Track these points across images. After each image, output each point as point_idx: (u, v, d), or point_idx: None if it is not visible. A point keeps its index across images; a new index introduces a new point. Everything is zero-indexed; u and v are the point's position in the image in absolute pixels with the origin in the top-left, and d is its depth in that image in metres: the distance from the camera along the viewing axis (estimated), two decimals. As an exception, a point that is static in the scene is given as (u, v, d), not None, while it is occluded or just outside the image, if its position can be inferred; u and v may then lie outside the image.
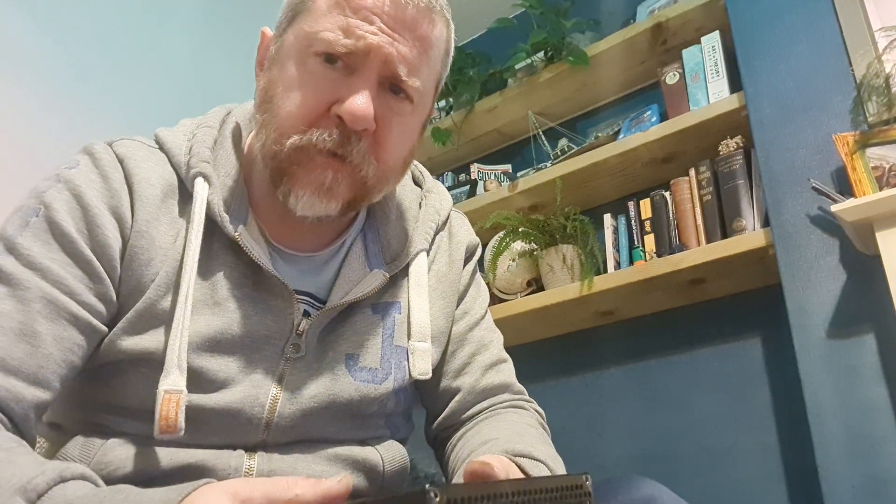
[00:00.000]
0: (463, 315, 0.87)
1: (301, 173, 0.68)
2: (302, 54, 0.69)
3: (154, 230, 0.69)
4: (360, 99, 0.66)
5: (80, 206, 0.67)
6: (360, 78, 0.67)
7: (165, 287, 0.68)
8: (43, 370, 0.62)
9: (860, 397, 1.30)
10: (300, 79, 0.68)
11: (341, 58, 0.67)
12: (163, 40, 1.82)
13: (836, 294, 1.38)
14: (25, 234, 0.66)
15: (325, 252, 0.78)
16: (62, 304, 0.64)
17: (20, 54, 1.51)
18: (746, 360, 1.70)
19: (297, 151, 0.67)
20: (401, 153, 0.73)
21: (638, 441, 1.79)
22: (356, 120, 0.66)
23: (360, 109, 0.66)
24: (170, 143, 0.74)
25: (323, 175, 0.68)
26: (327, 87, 0.67)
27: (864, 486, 1.26)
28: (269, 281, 0.71)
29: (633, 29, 1.89)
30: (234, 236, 0.70)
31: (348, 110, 0.66)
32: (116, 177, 0.70)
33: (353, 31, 0.66)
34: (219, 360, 0.68)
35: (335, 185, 0.68)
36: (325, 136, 0.67)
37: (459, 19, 2.70)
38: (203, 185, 0.71)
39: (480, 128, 2.22)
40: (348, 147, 0.67)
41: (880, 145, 1.33)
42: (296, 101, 0.68)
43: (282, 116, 0.69)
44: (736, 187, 1.64)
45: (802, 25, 1.57)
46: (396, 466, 0.77)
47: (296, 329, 0.72)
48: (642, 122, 1.90)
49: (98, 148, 0.72)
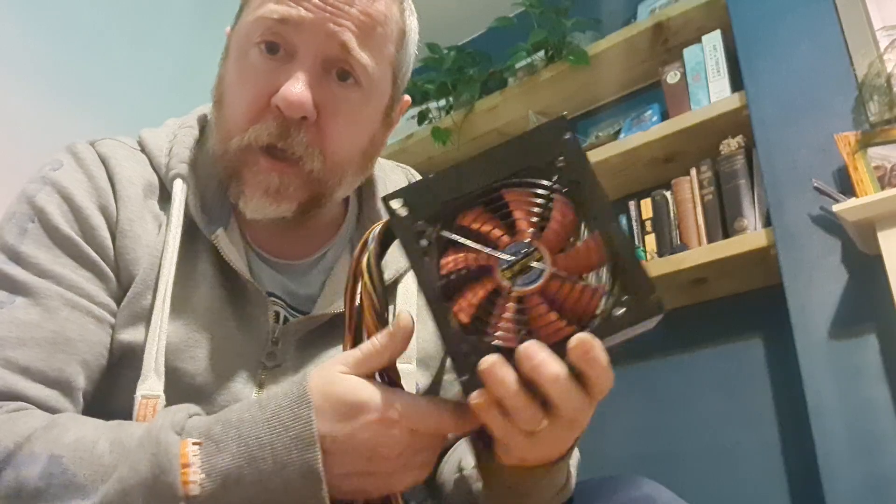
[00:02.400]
0: None
1: (248, 176, 0.66)
2: (244, 46, 0.66)
3: (139, 228, 0.68)
4: (294, 85, 0.62)
5: (72, 207, 0.66)
6: (296, 63, 0.64)
7: (144, 285, 0.66)
8: (81, 377, 0.62)
9: (862, 397, 1.30)
10: (241, 73, 0.66)
11: (278, 40, 0.64)
12: (155, 38, 1.81)
13: (838, 294, 1.37)
14: (26, 241, 0.64)
15: (308, 259, 0.75)
16: (85, 307, 0.63)
17: (11, 52, 1.51)
18: (748, 359, 1.70)
19: (241, 153, 0.66)
20: (354, 144, 0.69)
21: (639, 440, 1.79)
22: (291, 107, 0.62)
23: (294, 95, 0.62)
24: (151, 145, 0.73)
25: (268, 178, 0.65)
26: (265, 77, 0.64)
27: (865, 486, 1.26)
28: (246, 286, 0.69)
29: (633, 28, 1.88)
30: (210, 238, 0.68)
31: (282, 96, 0.62)
32: (101, 175, 0.69)
33: (285, 2, 0.63)
34: (196, 363, 0.66)
35: (284, 186, 0.66)
36: (262, 131, 0.64)
37: (459, 18, 2.67)
38: (181, 186, 0.69)
39: (480, 127, 2.21)
40: (287, 140, 0.64)
41: (882, 145, 1.33)
42: (237, 98, 0.66)
43: (226, 116, 0.67)
44: (737, 187, 1.63)
45: (804, 25, 1.57)
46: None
47: (271, 337, 0.69)
48: (643, 122, 1.89)
49: (80, 147, 0.71)
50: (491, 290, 0.46)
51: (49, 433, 0.54)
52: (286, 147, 0.64)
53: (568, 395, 0.46)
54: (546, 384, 0.45)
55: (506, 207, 0.47)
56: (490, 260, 0.46)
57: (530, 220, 0.46)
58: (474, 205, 0.47)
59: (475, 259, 0.46)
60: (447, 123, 2.17)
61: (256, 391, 0.68)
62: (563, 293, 0.45)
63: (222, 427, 0.52)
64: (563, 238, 0.46)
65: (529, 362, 0.45)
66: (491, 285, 0.46)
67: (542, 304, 0.45)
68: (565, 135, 0.47)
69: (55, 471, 0.51)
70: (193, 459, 0.50)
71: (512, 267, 0.45)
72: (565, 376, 0.45)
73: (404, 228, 0.47)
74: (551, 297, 0.45)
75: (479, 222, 0.46)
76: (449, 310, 0.46)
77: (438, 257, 0.46)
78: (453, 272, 0.46)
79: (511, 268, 0.45)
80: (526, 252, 0.45)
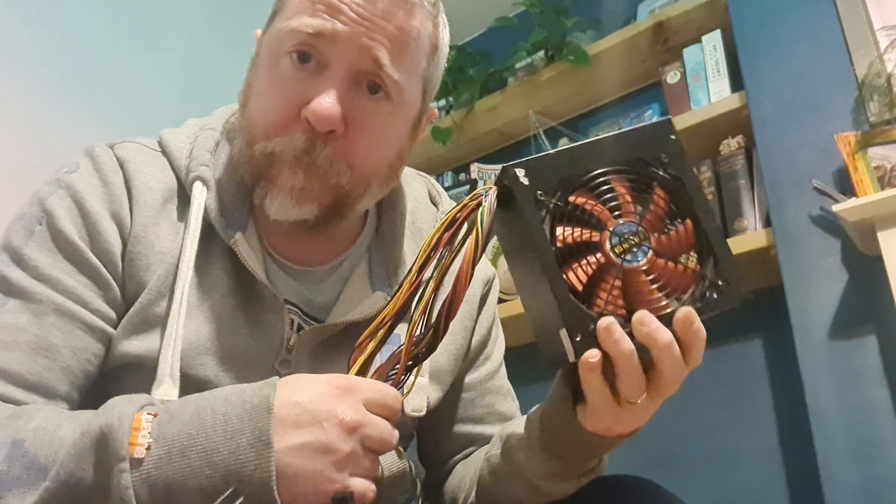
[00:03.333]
0: (485, 360, 0.84)
1: (273, 175, 0.66)
2: (275, 54, 0.67)
3: (153, 235, 0.68)
4: (325, 99, 0.63)
5: (82, 212, 0.66)
6: (328, 76, 0.64)
7: (158, 291, 0.66)
8: (62, 383, 0.62)
9: (862, 399, 1.30)
10: (271, 81, 0.67)
11: (311, 51, 0.64)
12: (162, 38, 1.81)
13: (838, 295, 1.37)
14: (31, 244, 0.64)
15: (325, 267, 0.75)
16: (75, 314, 0.63)
17: (17, 52, 1.51)
18: (747, 361, 1.69)
19: (265, 157, 0.66)
20: (382, 157, 0.69)
21: (638, 442, 1.78)
22: (321, 121, 0.63)
23: (325, 109, 0.62)
24: (171, 146, 0.73)
25: (294, 177, 0.65)
26: (296, 87, 0.65)
27: (865, 488, 1.25)
28: (262, 292, 0.69)
29: (633, 28, 1.88)
30: (229, 243, 0.68)
31: (312, 110, 0.63)
32: (116, 181, 0.68)
33: (320, 15, 0.64)
34: (210, 368, 0.66)
35: (308, 186, 0.66)
36: (288, 144, 0.64)
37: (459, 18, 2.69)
38: (201, 189, 0.69)
39: (481, 127, 2.21)
40: (312, 154, 0.64)
41: (882, 145, 1.33)
42: (266, 106, 0.67)
43: (253, 121, 0.67)
44: (737, 187, 1.63)
45: (804, 25, 1.57)
46: (396, 472, 0.76)
47: (286, 344, 0.69)
48: (643, 122, 1.89)
49: (99, 151, 0.70)
50: (603, 262, 0.50)
51: (14, 421, 0.55)
52: (311, 161, 0.65)
53: (675, 362, 0.50)
54: (659, 349, 0.49)
55: (613, 191, 0.52)
56: (601, 237, 0.50)
57: (635, 206, 0.51)
58: (586, 184, 0.52)
59: (589, 233, 0.51)
60: (447, 123, 2.17)
61: None
62: (665, 272, 0.51)
63: (182, 402, 0.54)
64: (662, 223, 0.52)
65: (646, 328, 0.48)
66: (604, 258, 0.50)
67: (646, 280, 0.50)
68: (671, 135, 0.54)
69: (16, 454, 0.52)
70: (145, 425, 0.51)
71: (620, 244, 0.50)
72: (675, 344, 0.49)
73: (526, 196, 0.51)
74: (654, 274, 0.51)
75: (592, 201, 0.51)
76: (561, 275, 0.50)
77: (552, 227, 0.51)
78: (566, 243, 0.50)
79: (619, 245, 0.50)
80: (633, 232, 0.51)
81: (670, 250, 0.51)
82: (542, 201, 0.51)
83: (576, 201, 0.51)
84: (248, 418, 0.50)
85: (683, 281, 0.51)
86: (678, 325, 0.49)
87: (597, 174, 0.52)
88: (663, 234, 0.52)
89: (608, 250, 0.50)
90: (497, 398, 0.84)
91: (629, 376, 0.50)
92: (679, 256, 0.52)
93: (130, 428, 0.50)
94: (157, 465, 0.50)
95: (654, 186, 0.52)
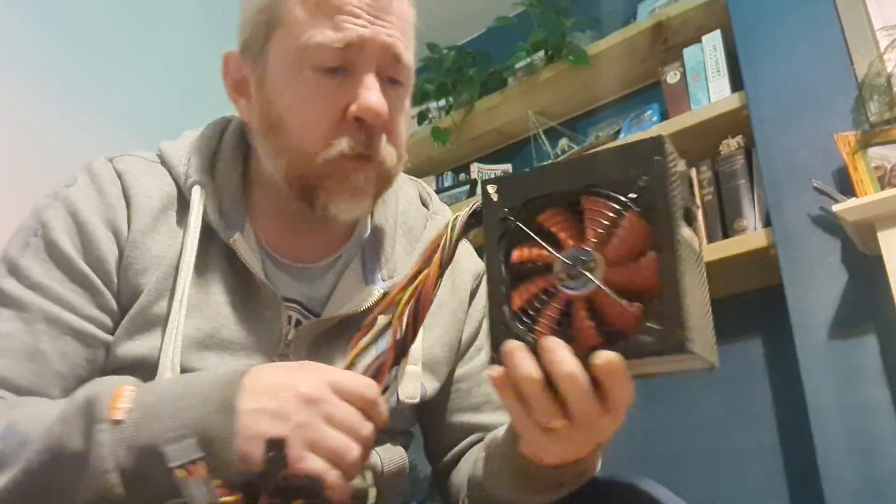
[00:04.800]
0: (477, 352, 0.86)
1: (333, 185, 0.69)
2: (295, 70, 0.68)
3: (150, 240, 0.70)
4: (373, 95, 0.66)
5: (76, 222, 0.68)
6: (363, 74, 0.67)
7: (157, 292, 0.68)
8: (53, 387, 0.64)
9: (861, 398, 1.30)
10: (303, 94, 0.68)
11: (340, 59, 0.67)
12: (161, 42, 1.81)
13: (838, 294, 1.37)
14: (26, 254, 0.67)
15: (321, 263, 0.77)
16: (65, 320, 0.65)
17: (17, 54, 1.51)
18: (747, 360, 1.69)
19: (327, 165, 0.68)
20: (405, 136, 0.74)
21: (638, 441, 1.79)
22: (376, 115, 0.67)
23: (377, 104, 0.66)
24: (170, 155, 0.76)
25: (355, 179, 0.69)
26: (335, 93, 0.67)
27: (865, 487, 1.25)
28: (260, 289, 0.71)
29: (633, 28, 1.88)
30: (228, 242, 0.70)
31: (366, 107, 0.66)
32: (113, 191, 0.71)
33: (342, 26, 0.66)
34: (210, 364, 0.68)
35: (366, 185, 0.70)
36: (352, 143, 0.67)
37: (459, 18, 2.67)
38: (199, 192, 0.72)
39: (480, 127, 2.21)
40: (376, 146, 0.68)
41: (882, 145, 1.33)
42: (310, 117, 0.68)
43: (299, 137, 0.68)
44: (737, 187, 1.63)
45: (804, 24, 1.57)
46: (395, 468, 0.77)
47: (284, 339, 0.71)
48: (643, 122, 1.89)
49: (97, 164, 0.73)
50: (544, 286, 0.49)
51: (12, 410, 0.58)
52: (373, 153, 0.69)
53: (582, 396, 0.47)
54: (560, 380, 0.47)
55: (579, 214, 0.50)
56: (553, 260, 0.49)
57: (597, 231, 0.48)
58: (556, 205, 0.50)
59: (538, 255, 0.50)
60: (447, 123, 2.17)
61: None
62: (604, 306, 0.47)
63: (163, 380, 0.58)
64: (623, 254, 0.48)
65: (548, 355, 0.47)
66: (545, 282, 0.49)
67: (584, 310, 0.48)
68: (656, 156, 0.49)
69: (10, 434, 0.55)
70: (127, 394, 0.54)
71: (569, 270, 0.48)
72: (581, 377, 0.47)
73: (491, 212, 0.52)
74: (594, 306, 0.48)
75: (553, 223, 0.50)
76: (505, 294, 0.50)
77: (510, 245, 0.51)
78: (519, 262, 0.50)
79: (567, 271, 0.48)
80: (583, 259, 0.48)
81: (625, 284, 0.47)
82: (505, 217, 0.51)
83: (539, 220, 0.50)
84: (218, 388, 0.54)
85: (625, 321, 0.47)
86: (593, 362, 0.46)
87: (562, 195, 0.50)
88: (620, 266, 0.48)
89: (554, 274, 0.49)
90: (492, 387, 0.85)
91: (532, 402, 0.49)
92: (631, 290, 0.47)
93: (113, 396, 0.54)
94: (135, 426, 0.53)
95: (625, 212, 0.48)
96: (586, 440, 0.52)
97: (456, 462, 0.84)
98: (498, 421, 0.83)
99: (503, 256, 0.51)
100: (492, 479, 0.71)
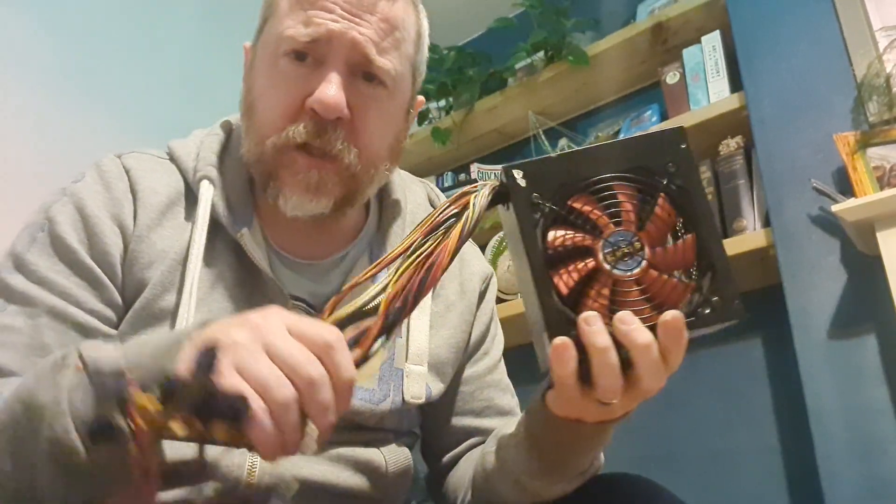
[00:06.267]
0: (483, 355, 0.86)
1: (286, 175, 0.69)
2: (272, 56, 0.70)
3: (155, 234, 0.71)
4: (328, 88, 0.66)
5: (82, 216, 0.69)
6: (327, 68, 0.68)
7: (162, 286, 0.69)
8: None
9: (861, 398, 1.30)
10: (272, 80, 0.70)
11: (308, 51, 0.68)
12: (162, 39, 1.81)
13: (837, 294, 1.37)
14: (32, 250, 0.68)
15: (327, 260, 0.78)
16: (68, 314, 0.65)
17: (20, 53, 1.51)
18: (747, 360, 1.69)
19: (277, 152, 0.68)
20: (383, 139, 0.73)
21: (638, 441, 1.79)
22: (327, 108, 0.66)
23: (330, 98, 0.66)
24: (179, 152, 0.76)
25: (308, 175, 0.68)
26: (298, 82, 0.68)
27: (865, 487, 1.25)
28: (267, 285, 0.72)
29: (633, 28, 1.88)
30: (236, 237, 0.71)
31: (318, 99, 0.66)
32: (120, 186, 0.72)
33: (313, 20, 0.67)
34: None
35: (322, 183, 0.69)
36: (299, 129, 0.67)
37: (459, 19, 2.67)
38: (208, 186, 0.73)
39: (480, 128, 2.21)
40: (324, 136, 0.67)
41: (881, 145, 1.33)
42: (271, 103, 0.69)
43: (260, 120, 0.70)
44: (736, 187, 1.63)
45: (803, 25, 1.57)
46: (400, 468, 0.77)
47: None
48: (643, 122, 1.89)
49: (105, 161, 0.74)
50: (592, 268, 0.49)
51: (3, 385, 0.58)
52: (322, 145, 0.68)
53: (654, 364, 0.49)
54: (637, 350, 0.48)
55: (614, 198, 0.51)
56: (595, 242, 0.50)
57: (636, 214, 0.50)
58: (587, 190, 0.51)
59: (582, 238, 0.50)
60: (447, 123, 2.17)
61: None
62: (656, 284, 0.50)
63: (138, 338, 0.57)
64: (663, 235, 0.50)
65: (626, 326, 0.48)
66: (594, 264, 0.49)
67: (636, 290, 0.49)
68: (681, 144, 0.52)
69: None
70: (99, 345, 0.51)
71: (614, 252, 0.49)
72: (656, 346, 0.48)
73: (522, 197, 0.51)
74: (645, 286, 0.50)
75: (590, 207, 0.50)
76: (550, 279, 0.50)
77: (545, 230, 0.50)
78: (559, 246, 0.50)
79: (613, 253, 0.49)
80: (629, 241, 0.50)
81: (666, 263, 0.50)
82: (538, 204, 0.50)
83: (573, 206, 0.51)
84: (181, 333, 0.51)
85: (675, 295, 0.49)
86: (662, 329, 0.48)
87: (598, 180, 0.51)
88: (662, 247, 0.50)
89: (600, 257, 0.49)
90: (496, 392, 0.86)
91: (605, 376, 0.49)
92: (675, 270, 0.50)
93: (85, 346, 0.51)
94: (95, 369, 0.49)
95: (658, 196, 0.51)
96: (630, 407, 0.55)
97: (453, 464, 0.84)
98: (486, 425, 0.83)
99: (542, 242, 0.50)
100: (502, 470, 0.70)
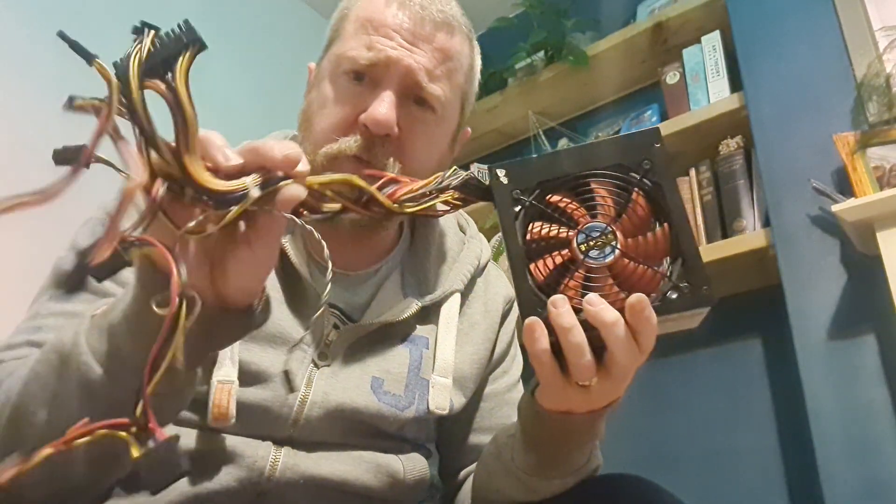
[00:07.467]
0: (503, 374, 0.88)
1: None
2: (333, 74, 0.75)
3: None
4: (381, 106, 0.71)
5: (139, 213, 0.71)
6: (381, 89, 0.72)
7: None
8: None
9: (861, 399, 1.30)
10: (331, 96, 0.75)
11: (366, 73, 0.73)
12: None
13: (837, 295, 1.37)
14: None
15: (360, 273, 0.81)
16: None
17: (18, 56, 1.51)
18: (746, 361, 1.70)
19: (329, 161, 0.72)
20: (426, 160, 0.76)
21: (637, 442, 1.79)
22: (378, 124, 0.71)
23: (381, 115, 0.70)
24: None
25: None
26: (354, 99, 0.73)
27: (864, 488, 1.25)
28: (306, 290, 0.75)
29: (633, 29, 1.89)
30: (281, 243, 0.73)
31: (370, 115, 0.71)
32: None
33: (375, 46, 0.73)
34: (255, 354, 0.71)
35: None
36: (350, 142, 0.72)
37: (459, 19, 2.60)
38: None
39: (480, 127, 2.21)
40: (373, 151, 0.72)
41: (881, 145, 1.33)
42: (327, 116, 0.74)
43: (316, 131, 0.75)
44: (736, 187, 1.63)
45: (803, 25, 1.57)
46: (417, 476, 0.79)
47: (325, 339, 0.75)
48: (642, 122, 1.90)
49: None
50: (567, 258, 0.53)
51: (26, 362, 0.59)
52: (370, 158, 0.72)
53: (624, 342, 0.51)
54: (605, 328, 0.50)
55: (591, 194, 0.54)
56: (570, 234, 0.53)
57: (611, 207, 0.53)
58: (565, 187, 0.54)
59: (558, 231, 0.53)
60: (447, 124, 2.17)
61: (305, 386, 0.73)
62: (628, 271, 0.52)
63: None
64: (637, 227, 0.53)
65: (593, 307, 0.50)
66: (568, 255, 0.52)
67: (608, 277, 0.52)
68: (656, 143, 0.55)
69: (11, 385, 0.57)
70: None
71: (588, 243, 0.53)
72: (623, 323, 0.50)
73: (503, 193, 0.54)
74: (617, 273, 0.52)
75: (566, 201, 0.54)
76: (527, 268, 0.53)
77: (526, 224, 0.53)
78: (537, 239, 0.53)
79: (587, 243, 0.53)
80: (602, 232, 0.53)
81: (639, 253, 0.52)
82: (518, 199, 0.54)
83: (550, 201, 0.54)
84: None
85: (645, 283, 0.52)
86: (628, 310, 0.50)
87: (576, 177, 0.54)
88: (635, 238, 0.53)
89: (574, 246, 0.52)
90: (513, 411, 0.86)
91: (574, 354, 0.51)
92: (649, 260, 0.53)
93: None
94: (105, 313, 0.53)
95: (633, 191, 0.54)
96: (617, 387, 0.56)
97: (464, 481, 0.86)
98: None
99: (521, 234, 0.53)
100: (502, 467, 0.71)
